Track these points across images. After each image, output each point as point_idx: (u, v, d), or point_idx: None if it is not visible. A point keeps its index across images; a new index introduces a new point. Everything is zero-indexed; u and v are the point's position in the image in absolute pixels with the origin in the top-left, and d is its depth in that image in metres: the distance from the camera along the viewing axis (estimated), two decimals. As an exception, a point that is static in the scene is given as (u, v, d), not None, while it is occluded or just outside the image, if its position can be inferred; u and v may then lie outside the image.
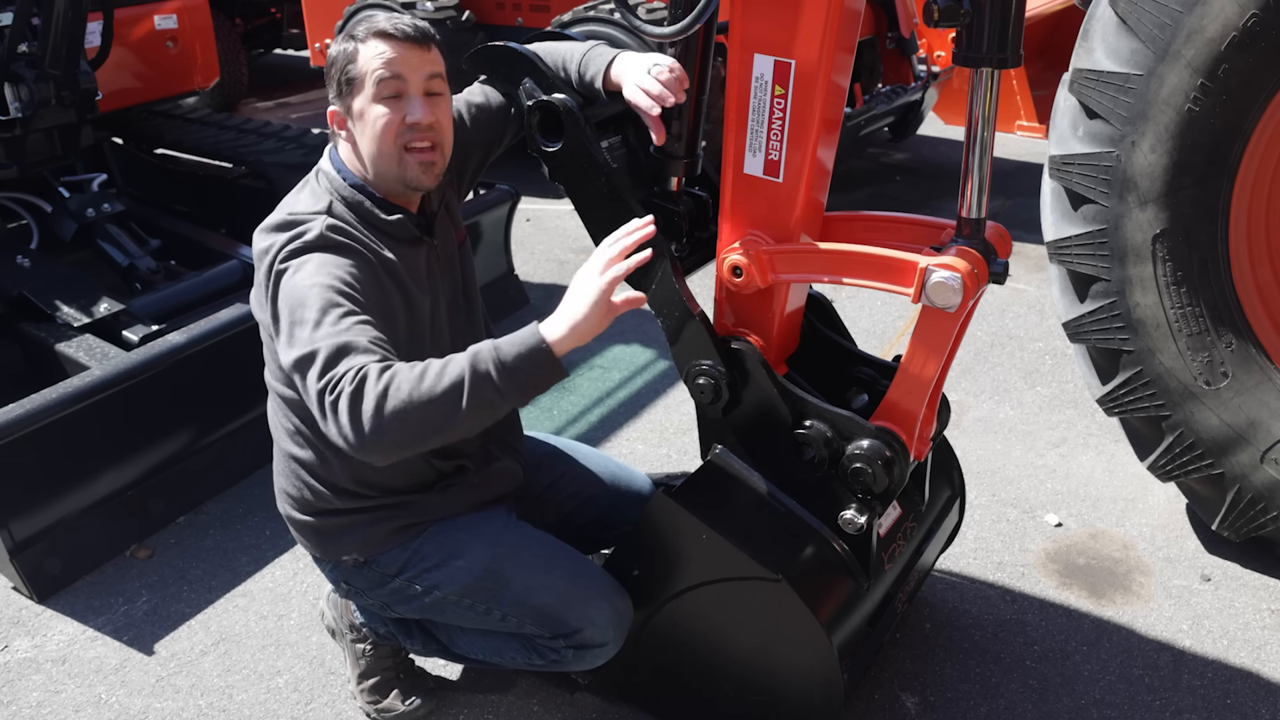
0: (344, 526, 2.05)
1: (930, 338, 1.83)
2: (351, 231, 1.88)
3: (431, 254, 2.02)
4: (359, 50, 1.85)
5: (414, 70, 1.86)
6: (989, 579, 2.79)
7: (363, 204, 1.92)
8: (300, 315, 1.72)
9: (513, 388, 1.65)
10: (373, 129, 1.86)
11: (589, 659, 2.05)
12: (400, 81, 1.85)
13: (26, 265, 3.72)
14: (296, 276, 1.78)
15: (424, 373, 1.63)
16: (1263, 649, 2.53)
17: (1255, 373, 2.55)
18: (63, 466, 2.84)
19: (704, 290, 1.99)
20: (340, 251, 1.83)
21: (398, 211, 1.94)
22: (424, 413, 1.61)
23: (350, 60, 1.85)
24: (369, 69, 1.84)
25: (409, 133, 1.86)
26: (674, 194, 2.10)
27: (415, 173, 1.89)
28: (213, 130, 4.88)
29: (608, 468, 2.39)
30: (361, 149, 1.90)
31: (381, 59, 1.83)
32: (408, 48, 1.85)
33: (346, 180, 1.93)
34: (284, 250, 1.81)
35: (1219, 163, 2.41)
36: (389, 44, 1.84)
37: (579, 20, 5.30)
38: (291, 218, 1.88)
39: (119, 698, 2.47)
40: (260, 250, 1.87)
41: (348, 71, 1.86)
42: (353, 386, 1.61)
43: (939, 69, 5.69)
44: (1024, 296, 4.52)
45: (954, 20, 1.65)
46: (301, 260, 1.80)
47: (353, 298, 1.76)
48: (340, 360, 1.65)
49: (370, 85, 1.84)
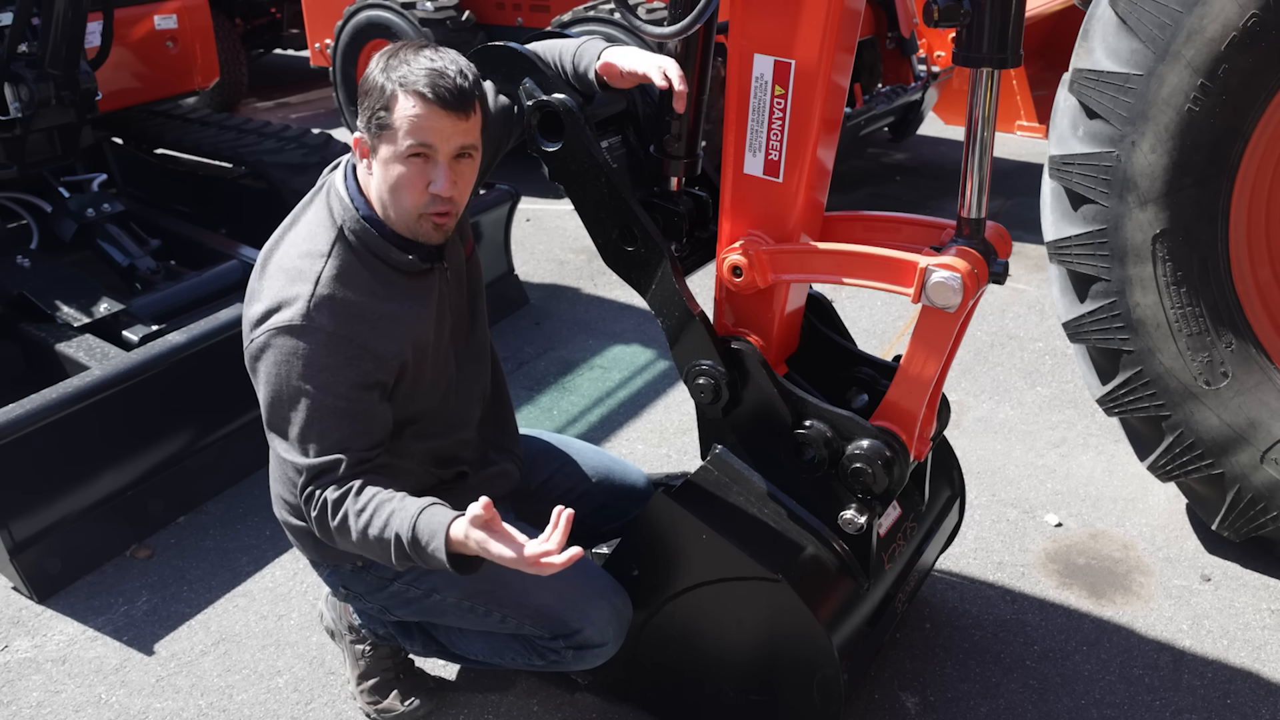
0: None
1: (930, 338, 1.83)
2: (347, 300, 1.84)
3: (441, 278, 2.00)
4: (396, 99, 1.75)
5: (445, 140, 1.78)
6: (989, 579, 2.79)
7: (373, 238, 1.88)
8: (287, 415, 1.83)
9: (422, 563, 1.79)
10: (395, 184, 1.82)
11: (588, 659, 2.05)
12: (431, 148, 1.78)
13: (26, 265, 3.72)
14: (280, 368, 1.81)
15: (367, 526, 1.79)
16: (1263, 649, 2.53)
17: (1255, 373, 2.55)
18: (63, 466, 2.84)
19: (704, 290, 1.99)
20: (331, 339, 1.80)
21: (410, 250, 1.91)
22: (367, 554, 1.86)
23: (385, 106, 1.76)
24: (401, 127, 1.76)
25: (431, 203, 1.83)
26: (674, 194, 2.10)
27: (427, 230, 1.87)
28: (213, 130, 4.88)
29: (602, 462, 2.39)
30: (381, 190, 1.86)
31: (414, 124, 1.75)
32: (443, 116, 1.75)
33: (359, 211, 1.88)
34: (272, 323, 1.81)
35: (1219, 163, 2.41)
36: (425, 108, 1.74)
37: (579, 20, 5.30)
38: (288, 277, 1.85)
39: (119, 698, 2.47)
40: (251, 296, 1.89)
41: (380, 117, 1.77)
42: (316, 514, 1.84)
43: (939, 69, 5.69)
44: (1024, 296, 4.52)
45: (954, 20, 1.65)
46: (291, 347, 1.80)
47: (335, 408, 1.81)
48: (314, 483, 1.83)
49: (400, 144, 1.77)
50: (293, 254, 1.89)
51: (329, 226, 1.90)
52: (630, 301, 4.55)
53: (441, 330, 2.01)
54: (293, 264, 1.87)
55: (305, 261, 1.86)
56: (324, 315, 1.81)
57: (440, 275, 2.00)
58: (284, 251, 1.91)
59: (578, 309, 4.56)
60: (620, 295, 4.62)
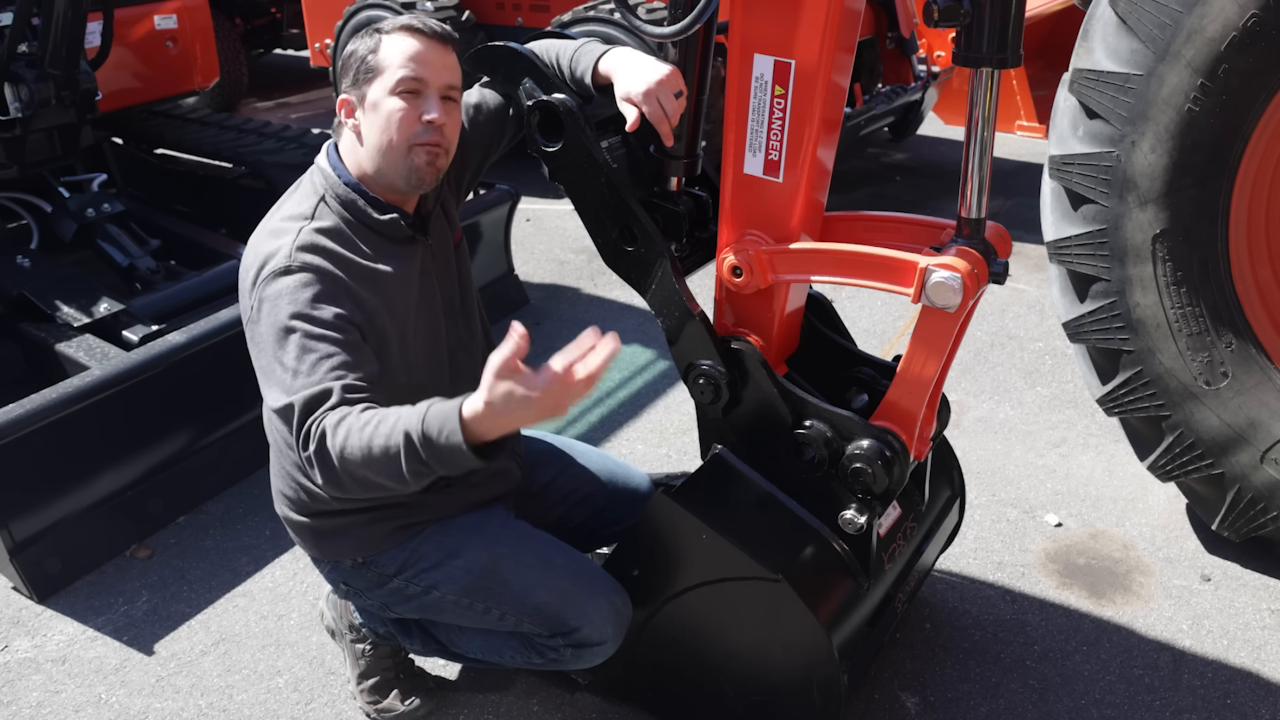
0: (341, 527, 2.05)
1: (930, 338, 1.83)
2: (327, 246, 1.85)
3: (426, 253, 2.01)
4: (383, 42, 1.85)
5: (436, 72, 1.86)
6: (989, 579, 2.79)
7: (356, 202, 1.91)
8: (278, 357, 1.75)
9: (438, 464, 1.63)
10: (386, 121, 1.85)
11: (588, 658, 2.05)
12: (421, 81, 1.85)
13: (26, 265, 3.72)
14: (273, 311, 1.78)
15: (371, 437, 1.63)
16: (1263, 649, 2.53)
17: (1255, 373, 2.55)
18: (63, 466, 2.84)
19: (704, 290, 1.99)
20: (315, 275, 1.80)
21: (391, 210, 1.94)
22: (376, 477, 1.66)
23: (372, 50, 1.85)
24: (392, 61, 1.84)
25: (423, 131, 1.86)
26: (674, 194, 2.10)
27: (421, 163, 1.88)
28: (213, 130, 4.88)
29: (605, 465, 2.39)
30: (368, 140, 1.89)
31: (407, 54, 1.84)
32: (432, 46, 1.87)
33: (341, 178, 1.92)
34: (260, 277, 1.81)
35: (1219, 163, 2.41)
36: (416, 39, 1.85)
37: (579, 20, 5.30)
38: (272, 235, 1.87)
39: (119, 698, 2.47)
40: (243, 269, 1.89)
41: (368, 61, 1.85)
42: (315, 446, 1.68)
43: (939, 69, 5.69)
44: (1024, 296, 4.52)
45: (954, 20, 1.65)
46: (277, 290, 1.79)
47: (325, 336, 1.75)
48: (309, 416, 1.70)
49: (391, 78, 1.84)
50: (274, 219, 1.93)
51: (311, 195, 1.94)
52: (630, 301, 4.55)
53: (426, 304, 2.00)
54: (275, 226, 1.90)
55: (287, 222, 1.89)
56: (307, 254, 1.82)
57: (424, 248, 2.01)
58: (265, 222, 1.94)
59: (578, 309, 4.56)
60: (620, 295, 4.62)
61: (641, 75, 1.90)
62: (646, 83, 1.89)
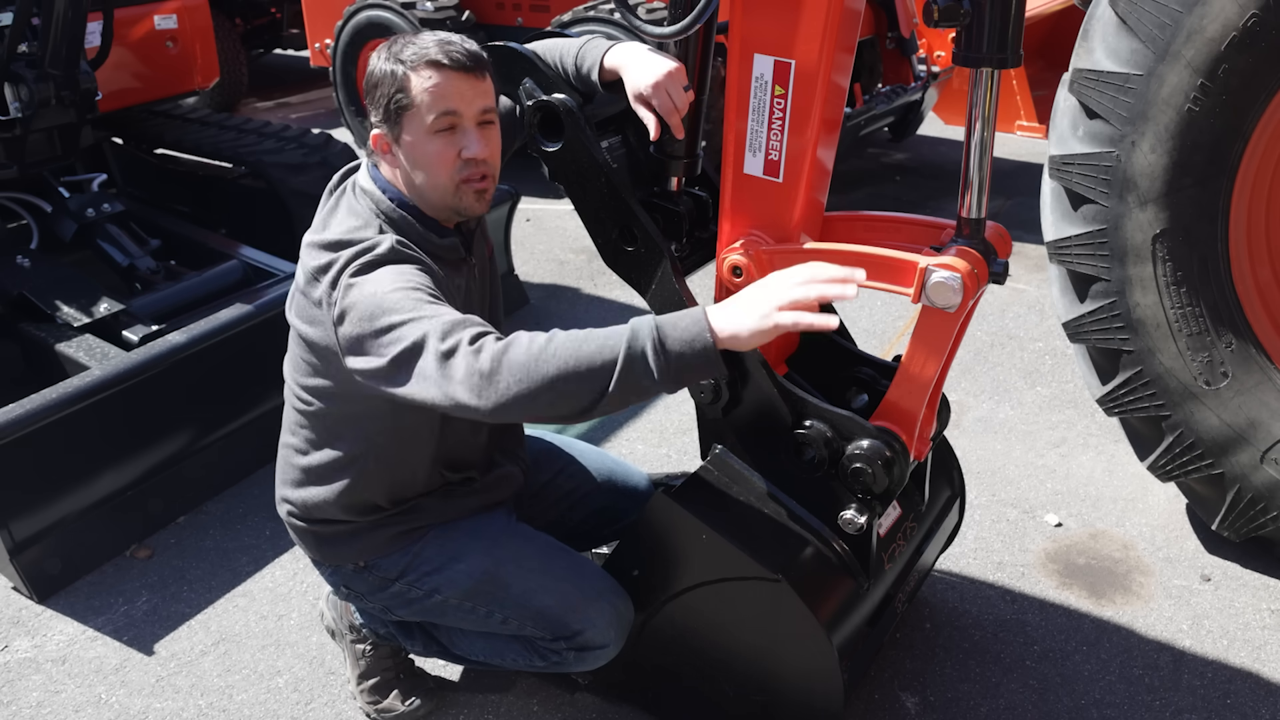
0: (345, 533, 2.05)
1: (930, 338, 1.83)
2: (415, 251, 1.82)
3: (470, 273, 2.00)
4: (410, 78, 1.76)
5: (468, 103, 1.79)
6: (989, 579, 2.79)
7: (413, 226, 1.86)
8: (389, 319, 1.66)
9: (669, 377, 1.57)
10: (427, 162, 1.81)
11: (590, 660, 2.05)
12: (455, 114, 1.79)
13: (26, 265, 3.72)
14: (371, 287, 1.71)
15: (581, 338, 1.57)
16: (1263, 649, 2.53)
17: (1255, 373, 2.55)
18: (63, 466, 2.84)
19: (704, 290, 1.99)
20: (413, 264, 1.77)
21: (450, 235, 1.90)
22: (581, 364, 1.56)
23: (400, 89, 1.77)
24: (421, 101, 1.76)
25: (465, 167, 1.82)
26: (674, 194, 2.10)
27: (470, 202, 1.86)
28: (213, 130, 4.88)
29: (605, 464, 2.40)
30: (412, 176, 1.84)
31: (436, 92, 1.76)
32: (461, 78, 1.78)
33: (391, 199, 1.86)
34: (352, 265, 1.75)
35: (1219, 163, 2.41)
36: (442, 75, 1.76)
37: (579, 20, 5.31)
38: (350, 236, 1.82)
39: (119, 698, 2.47)
40: (317, 266, 1.79)
41: (397, 100, 1.78)
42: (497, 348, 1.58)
43: (939, 69, 5.69)
44: (1024, 296, 4.52)
45: (954, 20, 1.65)
46: (373, 274, 1.73)
47: (437, 298, 1.72)
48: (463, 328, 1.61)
49: (423, 119, 1.77)
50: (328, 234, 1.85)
51: (370, 215, 1.86)
52: (630, 301, 4.55)
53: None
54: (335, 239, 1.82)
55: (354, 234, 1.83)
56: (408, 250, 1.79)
57: (469, 269, 1.99)
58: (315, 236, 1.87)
59: (578, 309, 4.56)
60: (620, 295, 4.62)
61: (650, 69, 1.90)
62: (655, 76, 1.89)
